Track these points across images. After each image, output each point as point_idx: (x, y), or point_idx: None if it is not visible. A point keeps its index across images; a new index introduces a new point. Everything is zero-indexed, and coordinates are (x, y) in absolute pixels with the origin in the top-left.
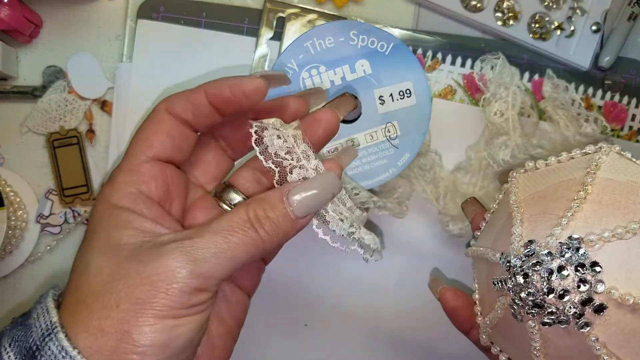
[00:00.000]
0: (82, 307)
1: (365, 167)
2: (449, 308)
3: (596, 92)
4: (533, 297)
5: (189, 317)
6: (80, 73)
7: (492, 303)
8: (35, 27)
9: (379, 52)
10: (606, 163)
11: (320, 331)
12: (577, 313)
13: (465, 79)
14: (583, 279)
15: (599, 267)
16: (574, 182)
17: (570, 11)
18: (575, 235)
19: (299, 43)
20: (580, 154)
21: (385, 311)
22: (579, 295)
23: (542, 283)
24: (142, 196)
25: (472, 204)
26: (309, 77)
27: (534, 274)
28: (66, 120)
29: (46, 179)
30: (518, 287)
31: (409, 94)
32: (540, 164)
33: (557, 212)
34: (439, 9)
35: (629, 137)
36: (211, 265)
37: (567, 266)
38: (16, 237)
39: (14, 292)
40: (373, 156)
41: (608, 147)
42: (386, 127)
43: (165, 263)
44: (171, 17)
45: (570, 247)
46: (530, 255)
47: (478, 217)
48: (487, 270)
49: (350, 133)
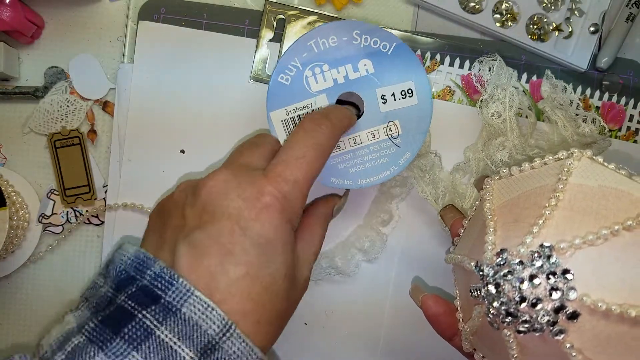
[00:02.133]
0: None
1: (367, 165)
2: (431, 315)
3: (594, 93)
4: (506, 307)
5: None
6: (82, 74)
7: (470, 310)
8: (37, 28)
9: (382, 51)
10: (578, 168)
11: (320, 330)
12: (550, 321)
13: (464, 80)
14: (555, 286)
15: (571, 274)
16: (545, 189)
17: (569, 12)
18: (546, 243)
19: (303, 42)
20: (553, 160)
21: (384, 310)
22: (552, 303)
23: (514, 292)
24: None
25: (450, 210)
26: (312, 75)
27: (505, 283)
28: (68, 120)
29: (48, 179)
30: (491, 297)
31: (410, 94)
32: (514, 171)
33: (529, 220)
34: (438, 11)
35: (627, 137)
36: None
37: (538, 274)
38: (18, 236)
39: (16, 292)
40: (374, 154)
41: (580, 152)
42: (388, 125)
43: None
44: (172, 18)
45: (542, 255)
46: (502, 264)
47: (456, 224)
48: (465, 278)
49: (353, 131)
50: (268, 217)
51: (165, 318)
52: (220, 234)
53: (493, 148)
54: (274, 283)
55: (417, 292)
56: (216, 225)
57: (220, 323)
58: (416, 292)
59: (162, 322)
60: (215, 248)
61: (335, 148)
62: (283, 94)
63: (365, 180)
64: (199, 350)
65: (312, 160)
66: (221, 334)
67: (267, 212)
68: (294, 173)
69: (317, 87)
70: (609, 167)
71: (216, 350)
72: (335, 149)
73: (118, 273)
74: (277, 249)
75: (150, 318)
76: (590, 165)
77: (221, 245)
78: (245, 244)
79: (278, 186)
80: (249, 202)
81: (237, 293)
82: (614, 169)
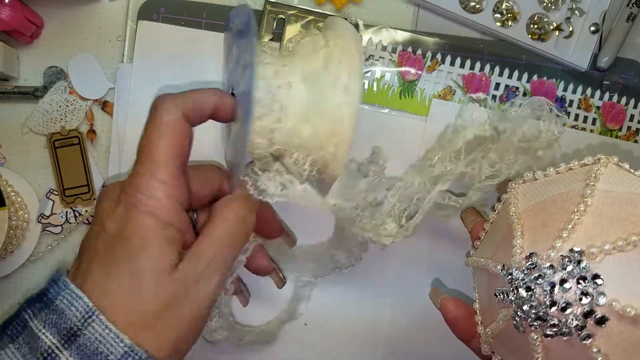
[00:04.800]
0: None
1: None
2: (450, 318)
3: (595, 92)
4: (536, 310)
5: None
6: (81, 74)
7: (493, 313)
8: (37, 28)
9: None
10: (605, 174)
11: (320, 331)
12: (579, 325)
13: (465, 79)
14: (585, 291)
15: (601, 279)
16: (573, 194)
17: (569, 12)
18: (576, 248)
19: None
20: (578, 165)
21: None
22: (581, 308)
23: (544, 296)
24: (180, 208)
25: (471, 213)
26: None
27: (536, 287)
28: (67, 120)
29: (47, 179)
30: (521, 300)
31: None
32: (539, 175)
33: (558, 225)
34: (438, 10)
35: (627, 137)
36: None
37: (569, 279)
38: (17, 237)
39: (15, 292)
40: None
41: (606, 158)
42: None
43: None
44: (172, 18)
45: (572, 260)
46: (532, 268)
47: (477, 227)
48: (488, 281)
49: None
50: (126, 214)
51: (41, 311)
52: (93, 239)
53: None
54: (137, 275)
55: (436, 295)
56: (91, 231)
57: (83, 310)
58: (436, 294)
59: (37, 314)
60: (88, 249)
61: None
62: None
63: None
64: (63, 336)
65: (158, 144)
66: (83, 320)
67: (125, 210)
68: (144, 165)
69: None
70: (636, 174)
71: (78, 336)
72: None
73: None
74: (136, 243)
75: (30, 312)
76: (617, 171)
77: (91, 246)
78: (107, 242)
79: (133, 182)
80: (112, 205)
81: (104, 288)
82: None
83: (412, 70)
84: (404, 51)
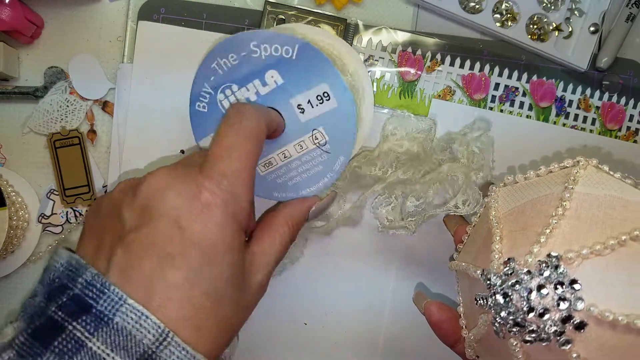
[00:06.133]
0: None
1: (303, 176)
2: (434, 321)
3: (594, 92)
4: (514, 316)
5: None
6: (82, 74)
7: (476, 318)
8: (37, 28)
9: (285, 58)
10: (584, 177)
11: (320, 330)
12: (557, 331)
13: (464, 79)
14: (562, 296)
15: (578, 284)
16: (552, 197)
17: (569, 12)
18: (553, 253)
19: (206, 65)
20: (558, 168)
21: (384, 310)
22: (559, 313)
23: (522, 302)
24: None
25: (454, 217)
26: (224, 98)
27: (513, 293)
28: (67, 120)
29: (47, 179)
30: (498, 307)
31: (327, 97)
32: (519, 178)
33: (536, 229)
34: (438, 11)
35: (627, 137)
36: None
37: (546, 285)
38: (17, 236)
39: (16, 292)
40: (307, 164)
41: (586, 160)
42: (313, 134)
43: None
44: (172, 18)
45: (549, 265)
46: (510, 273)
47: (460, 231)
48: (470, 286)
49: (280, 146)
50: (208, 215)
51: (97, 329)
52: (157, 236)
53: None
54: (217, 287)
55: (420, 299)
56: (153, 227)
57: (155, 332)
58: (419, 298)
59: (94, 333)
60: (153, 251)
61: (268, 165)
62: (205, 121)
63: (306, 191)
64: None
65: (243, 147)
66: (157, 342)
67: (207, 211)
68: (229, 165)
69: None
70: (615, 176)
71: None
72: (268, 166)
73: (50, 281)
74: (220, 251)
75: (81, 329)
76: (596, 174)
77: (159, 248)
78: (184, 246)
79: (215, 181)
80: (187, 200)
81: (176, 298)
82: (620, 177)
83: (411, 71)
84: (403, 51)
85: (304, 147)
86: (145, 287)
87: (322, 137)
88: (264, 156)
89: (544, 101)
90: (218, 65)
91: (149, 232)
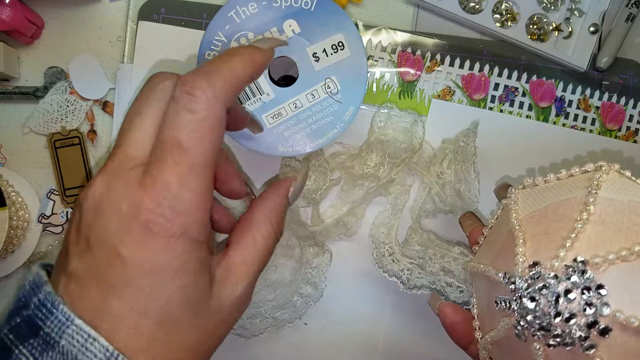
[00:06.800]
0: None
1: (313, 127)
2: (448, 323)
3: (594, 93)
4: (540, 320)
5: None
6: (82, 74)
7: (493, 320)
8: (37, 28)
9: (304, 9)
10: (607, 182)
11: (320, 330)
12: (582, 336)
13: (464, 80)
14: (589, 302)
15: (604, 289)
16: (575, 202)
17: (568, 12)
18: (580, 258)
19: (223, 14)
20: (579, 172)
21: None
22: (585, 319)
23: (549, 307)
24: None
25: (469, 218)
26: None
27: (540, 297)
28: (68, 120)
29: (48, 179)
30: (524, 310)
31: (342, 47)
32: (539, 181)
33: (561, 233)
34: (438, 11)
35: (627, 137)
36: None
37: (573, 289)
38: (18, 236)
39: (16, 292)
40: (318, 115)
41: (608, 165)
42: (325, 83)
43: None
44: (172, 18)
45: (576, 270)
46: (536, 277)
47: (476, 232)
48: (488, 288)
49: (292, 95)
50: (150, 239)
51: (43, 353)
52: (99, 266)
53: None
54: (169, 315)
55: (435, 300)
56: (92, 257)
57: (103, 356)
58: (434, 300)
59: (39, 357)
60: (95, 282)
61: (277, 116)
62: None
63: (314, 143)
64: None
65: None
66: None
67: (147, 234)
68: (173, 171)
69: None
70: (637, 182)
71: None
72: (277, 117)
73: (17, 299)
74: (168, 276)
75: (27, 354)
76: (619, 179)
77: (101, 278)
78: (126, 275)
79: (157, 195)
80: (125, 223)
81: (124, 330)
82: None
83: (411, 71)
84: (403, 52)
85: (315, 96)
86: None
87: (334, 86)
88: (273, 107)
89: (544, 101)
90: (236, 13)
91: (89, 260)
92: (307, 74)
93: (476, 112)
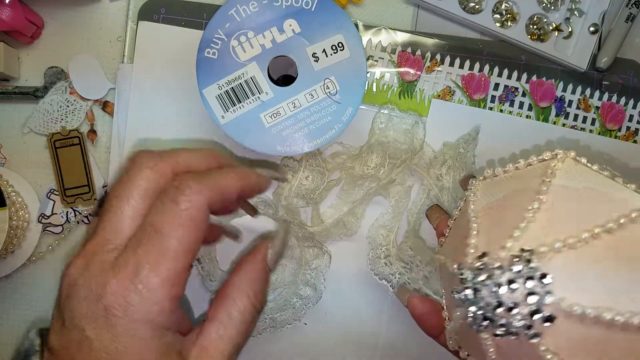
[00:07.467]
0: None
1: (311, 127)
2: (417, 314)
3: (594, 93)
4: (483, 311)
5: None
6: (82, 74)
7: (452, 311)
8: (37, 28)
9: (305, 9)
10: (562, 170)
11: (320, 330)
12: (526, 324)
13: (464, 79)
14: (532, 291)
15: (549, 278)
16: (529, 191)
17: (568, 12)
18: (526, 248)
19: (223, 12)
20: (537, 161)
21: (384, 310)
22: (528, 307)
23: (491, 297)
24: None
25: (436, 210)
26: (238, 44)
27: (483, 288)
28: (68, 120)
29: (48, 179)
30: (469, 301)
31: (341, 48)
32: (498, 171)
33: (512, 223)
34: (438, 11)
35: (627, 137)
36: None
37: (517, 279)
38: (18, 237)
39: (16, 292)
40: (316, 115)
41: (564, 153)
42: (324, 83)
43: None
44: (172, 18)
45: (521, 260)
46: (482, 268)
47: (442, 224)
48: (449, 279)
49: (291, 95)
50: (112, 323)
51: None
52: (71, 346)
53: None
54: None
55: (403, 293)
56: (67, 334)
57: None
58: (402, 292)
59: None
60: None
61: (275, 115)
62: (212, 69)
63: (312, 143)
64: None
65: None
66: None
67: (110, 318)
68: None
69: (246, 56)
70: (593, 168)
71: None
72: (275, 116)
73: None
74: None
75: None
76: (574, 166)
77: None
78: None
79: (125, 280)
80: (91, 305)
81: None
82: (598, 170)
83: (411, 71)
84: (403, 52)
85: (314, 96)
86: None
87: (333, 87)
88: (272, 106)
89: (544, 101)
90: (237, 12)
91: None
92: (307, 73)
93: (476, 112)
